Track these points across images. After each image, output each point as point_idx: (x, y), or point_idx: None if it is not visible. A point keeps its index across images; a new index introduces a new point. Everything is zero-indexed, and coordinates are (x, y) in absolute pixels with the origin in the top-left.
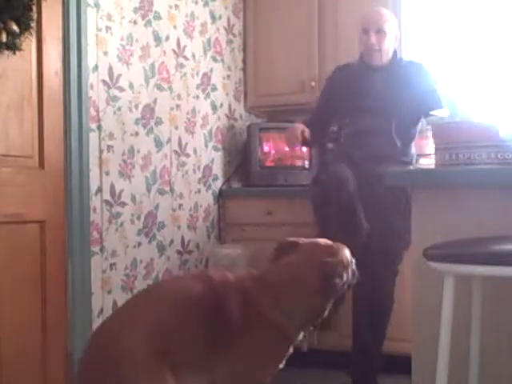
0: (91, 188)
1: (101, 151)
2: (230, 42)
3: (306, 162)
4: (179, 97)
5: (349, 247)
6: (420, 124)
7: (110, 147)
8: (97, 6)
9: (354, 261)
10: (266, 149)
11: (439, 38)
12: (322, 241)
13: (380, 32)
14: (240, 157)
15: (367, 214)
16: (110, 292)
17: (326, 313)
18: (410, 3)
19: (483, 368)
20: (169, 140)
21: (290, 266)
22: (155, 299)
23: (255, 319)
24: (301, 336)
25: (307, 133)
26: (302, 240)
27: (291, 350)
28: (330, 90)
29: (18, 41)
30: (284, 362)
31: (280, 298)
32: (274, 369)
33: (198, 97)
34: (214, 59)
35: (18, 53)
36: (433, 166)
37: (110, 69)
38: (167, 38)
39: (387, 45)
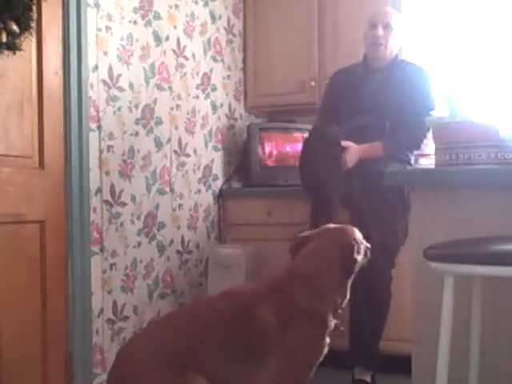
0: (91, 188)
1: (101, 151)
2: (230, 41)
3: None
4: (179, 97)
5: None
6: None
7: (110, 147)
8: (97, 5)
9: (363, 239)
10: (266, 149)
11: (439, 38)
12: (331, 226)
13: (387, 27)
14: (240, 157)
15: (366, 209)
16: (110, 292)
17: (348, 293)
18: (410, 3)
19: (483, 368)
20: (169, 140)
21: (313, 252)
22: (180, 318)
23: (296, 314)
24: (333, 323)
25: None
26: (313, 231)
27: (328, 340)
28: (330, 93)
29: (17, 41)
30: (325, 351)
31: (314, 285)
32: (318, 359)
33: (198, 97)
34: (214, 59)
35: (18, 53)
36: (433, 166)
37: (110, 69)
38: (167, 38)
39: (392, 41)
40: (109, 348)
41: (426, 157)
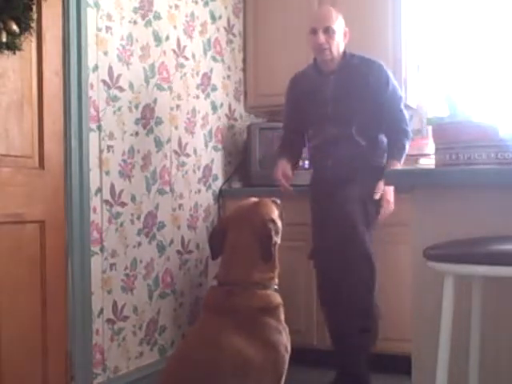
0: (91, 188)
1: (101, 151)
2: (230, 41)
3: (306, 162)
4: (179, 97)
5: None
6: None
7: (110, 147)
8: (97, 5)
9: (278, 202)
10: (266, 149)
11: (439, 38)
12: (246, 204)
13: (328, 31)
14: (240, 157)
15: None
16: (110, 292)
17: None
18: (410, 3)
19: (483, 368)
20: (169, 140)
21: (234, 251)
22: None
23: (254, 317)
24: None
25: (288, 169)
26: (227, 217)
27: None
28: (291, 102)
29: (17, 41)
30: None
31: (250, 282)
32: (288, 337)
33: (198, 97)
34: (214, 59)
35: (18, 53)
36: (433, 166)
37: (110, 69)
38: (167, 38)
39: (336, 42)
40: (109, 348)
41: (426, 157)
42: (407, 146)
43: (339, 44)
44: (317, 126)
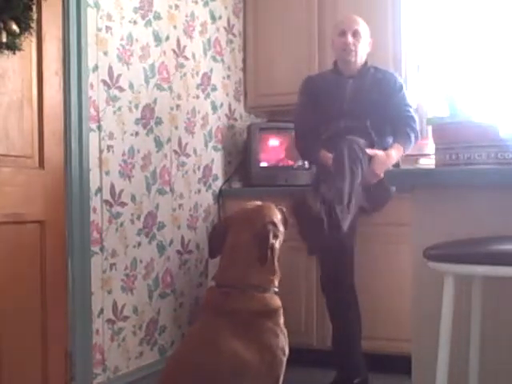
0: (91, 188)
1: (101, 151)
2: (230, 41)
3: (306, 162)
4: (179, 97)
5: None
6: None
7: (110, 147)
8: (97, 6)
9: (283, 210)
10: (266, 149)
11: (439, 38)
12: (250, 206)
13: (356, 34)
14: (240, 157)
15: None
16: (110, 292)
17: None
18: (410, 3)
19: (483, 368)
20: (169, 140)
21: (233, 251)
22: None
23: (252, 320)
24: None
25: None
26: (228, 216)
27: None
28: (306, 99)
29: (17, 41)
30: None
31: (248, 285)
32: (287, 342)
33: (198, 97)
34: (214, 59)
35: (18, 53)
36: (433, 166)
37: (110, 69)
38: (167, 38)
39: (361, 48)
40: (109, 348)
41: (426, 157)
42: (412, 139)
43: (364, 50)
44: (330, 120)
